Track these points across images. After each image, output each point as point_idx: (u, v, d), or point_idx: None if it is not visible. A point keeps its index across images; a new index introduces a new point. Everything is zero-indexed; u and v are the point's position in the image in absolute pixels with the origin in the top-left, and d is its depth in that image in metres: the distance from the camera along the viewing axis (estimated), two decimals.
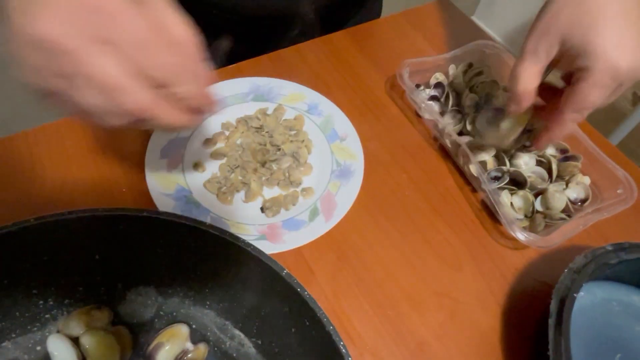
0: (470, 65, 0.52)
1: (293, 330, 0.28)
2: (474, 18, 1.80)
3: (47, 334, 0.30)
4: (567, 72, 0.39)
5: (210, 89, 0.27)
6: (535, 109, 0.41)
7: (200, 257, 0.29)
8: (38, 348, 0.30)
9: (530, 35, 0.37)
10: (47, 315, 0.30)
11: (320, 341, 0.26)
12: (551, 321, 0.32)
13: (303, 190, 0.42)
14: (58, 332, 0.30)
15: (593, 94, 0.35)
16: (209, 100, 0.27)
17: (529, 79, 0.37)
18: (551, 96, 0.40)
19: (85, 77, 0.23)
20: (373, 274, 0.39)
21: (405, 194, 0.44)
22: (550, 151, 0.46)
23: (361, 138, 0.46)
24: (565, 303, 0.32)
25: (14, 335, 0.29)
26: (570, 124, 0.38)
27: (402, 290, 0.39)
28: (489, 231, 0.43)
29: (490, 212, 0.44)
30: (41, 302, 0.30)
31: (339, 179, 0.43)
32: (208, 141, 0.44)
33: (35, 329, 0.30)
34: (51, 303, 0.30)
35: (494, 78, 0.50)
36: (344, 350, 0.24)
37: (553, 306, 0.33)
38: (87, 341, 0.30)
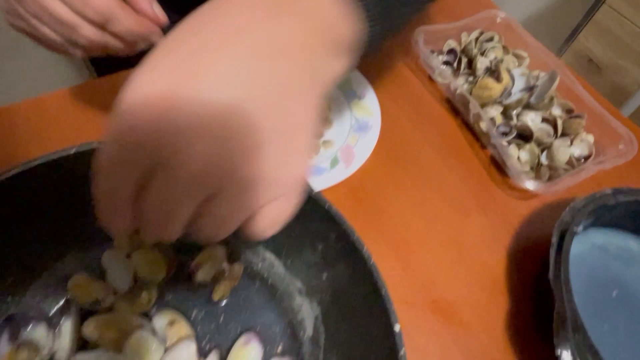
0: (481, 33, 0.54)
1: (320, 247, 0.32)
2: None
3: (102, 251, 0.34)
4: None
5: (147, 24, 0.33)
6: None
7: None
8: (94, 264, 0.34)
9: None
10: (101, 235, 0.34)
11: (344, 252, 0.29)
12: (552, 250, 0.35)
13: (324, 142, 0.46)
14: (112, 249, 0.34)
15: None
16: (146, 34, 0.33)
17: None
18: None
19: (39, 18, 0.31)
20: (387, 218, 0.42)
21: (418, 147, 0.47)
22: (557, 112, 0.49)
23: (378, 98, 0.49)
24: (566, 235, 0.36)
25: (75, 251, 0.33)
26: None
27: (413, 233, 0.42)
28: (497, 183, 0.46)
29: (498, 166, 0.47)
30: (96, 222, 0.34)
31: (357, 133, 0.46)
32: None
33: (92, 246, 0.34)
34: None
35: (504, 44, 0.53)
36: (367, 254, 0.28)
37: (554, 239, 0.36)
38: (137, 257, 0.34)
